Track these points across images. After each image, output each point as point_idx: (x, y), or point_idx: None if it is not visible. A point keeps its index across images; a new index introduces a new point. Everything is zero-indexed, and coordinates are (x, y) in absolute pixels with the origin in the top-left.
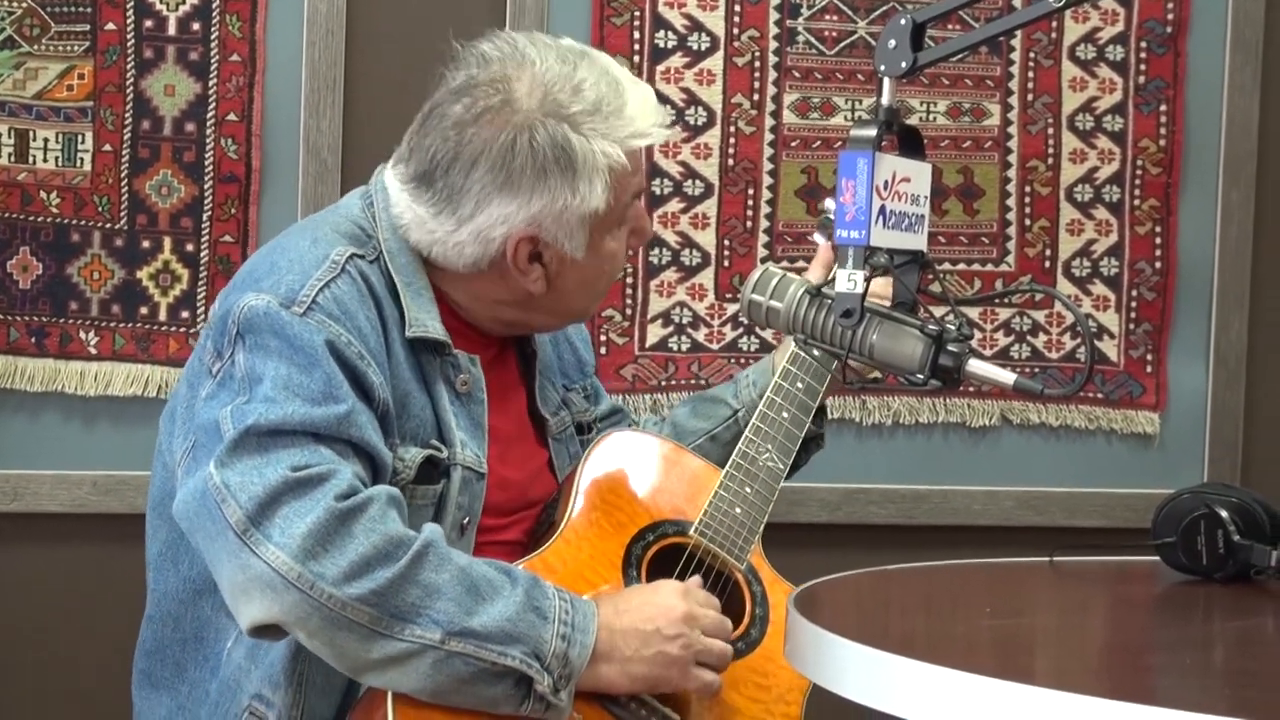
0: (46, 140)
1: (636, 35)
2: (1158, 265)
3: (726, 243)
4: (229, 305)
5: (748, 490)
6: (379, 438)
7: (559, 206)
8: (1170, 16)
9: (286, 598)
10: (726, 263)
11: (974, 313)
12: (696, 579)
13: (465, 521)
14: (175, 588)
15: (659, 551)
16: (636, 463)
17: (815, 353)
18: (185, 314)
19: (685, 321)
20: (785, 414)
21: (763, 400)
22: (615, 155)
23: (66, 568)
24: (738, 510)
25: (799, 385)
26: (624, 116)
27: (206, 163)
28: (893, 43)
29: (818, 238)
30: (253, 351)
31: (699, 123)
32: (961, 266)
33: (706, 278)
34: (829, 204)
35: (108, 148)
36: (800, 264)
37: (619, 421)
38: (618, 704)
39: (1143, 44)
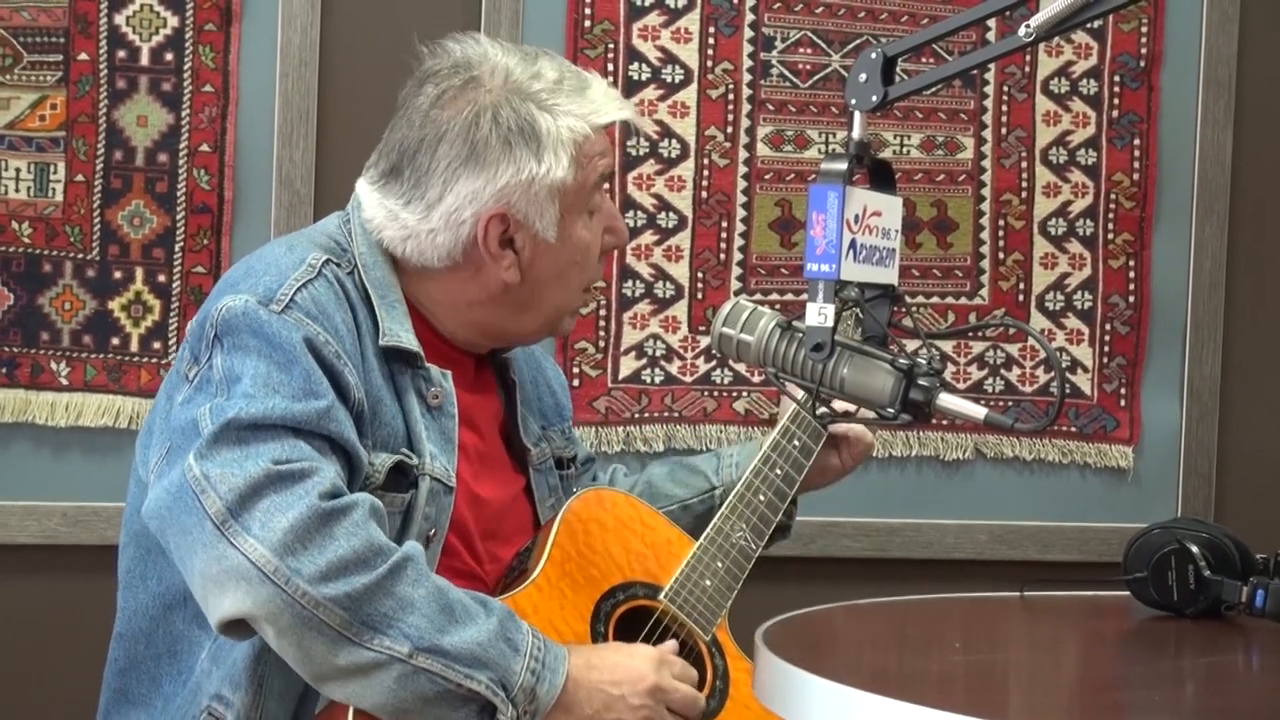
0: (19, 170)
1: (610, 67)
2: (1131, 299)
3: (700, 275)
4: (207, 310)
5: (719, 565)
6: (356, 436)
7: (525, 178)
8: (1143, 51)
9: (261, 591)
10: (700, 295)
11: (947, 346)
12: (672, 644)
13: (431, 534)
14: (145, 603)
15: (628, 611)
16: (614, 521)
17: (797, 443)
18: (157, 345)
19: (659, 354)
20: (762, 497)
21: (742, 481)
22: (580, 129)
23: (36, 599)
24: (708, 583)
25: (777, 472)
26: (586, 96)
27: (179, 193)
28: (864, 76)
29: None
30: (231, 352)
31: (673, 155)
32: (935, 300)
33: (680, 310)
34: None
35: (80, 178)
36: (774, 297)
37: (589, 470)
38: None
39: (1116, 78)
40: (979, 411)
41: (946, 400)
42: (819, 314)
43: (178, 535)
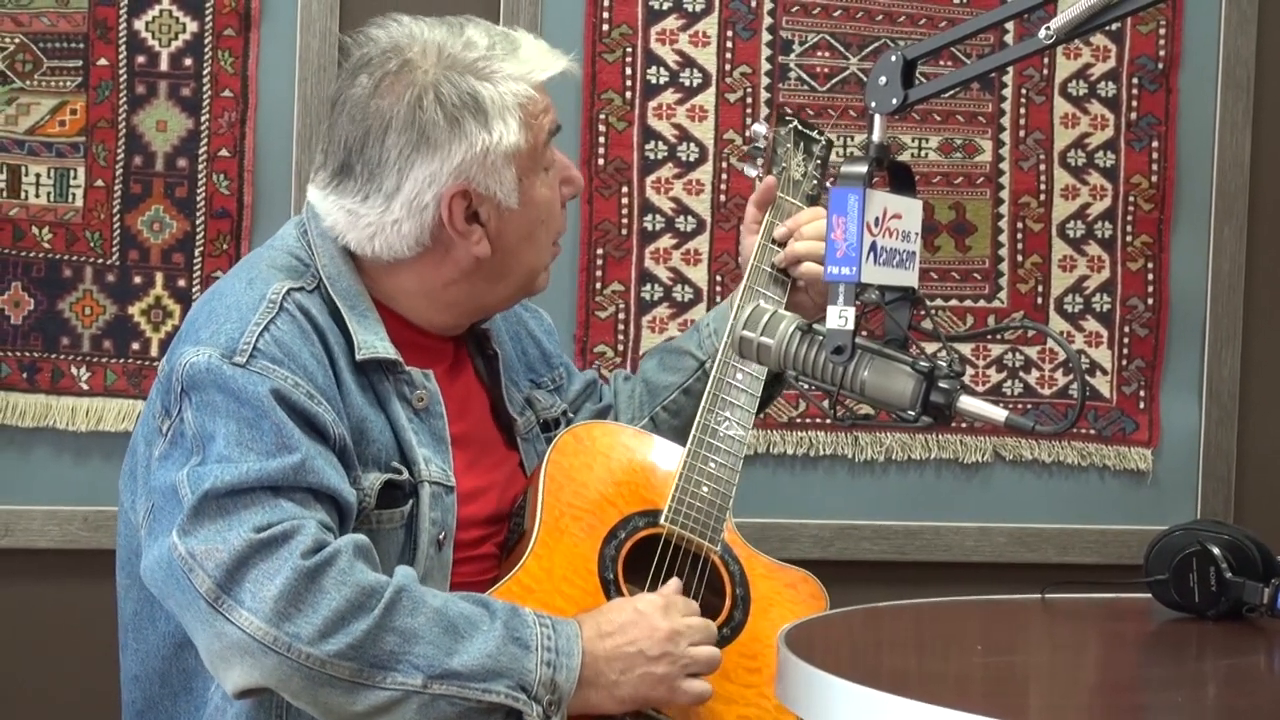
0: (39, 176)
1: (629, 71)
2: (1150, 301)
3: (719, 279)
4: (173, 362)
5: (712, 465)
6: (340, 477)
7: (479, 150)
8: (1162, 53)
9: (265, 662)
10: (719, 299)
11: (966, 349)
12: (675, 583)
13: (441, 537)
14: (156, 645)
15: (633, 548)
16: (598, 455)
17: (760, 300)
18: None
19: None
20: (740, 375)
21: (715, 365)
22: (522, 90)
23: (57, 603)
24: (704, 489)
25: None
26: (519, 56)
27: (198, 198)
28: (883, 79)
29: (748, 171)
30: (199, 410)
31: (691, 159)
32: (954, 303)
33: (698, 314)
34: (758, 128)
35: (100, 183)
36: None
37: (592, 394)
38: None
39: (1134, 80)
40: (999, 413)
41: (967, 402)
42: (839, 317)
43: (176, 608)
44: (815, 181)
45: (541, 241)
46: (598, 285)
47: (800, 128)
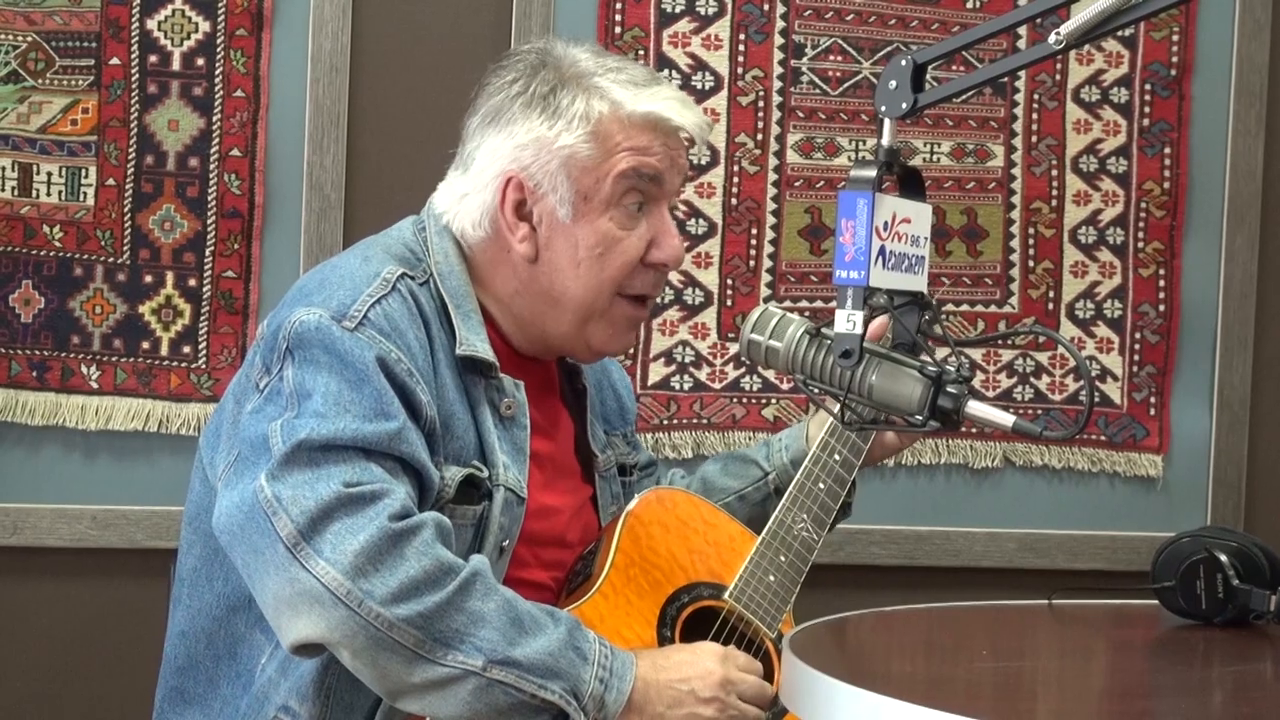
0: (50, 174)
1: None
2: (1161, 308)
3: (729, 282)
4: (280, 320)
5: (782, 559)
6: (427, 456)
7: (533, 137)
8: (1175, 59)
9: (334, 614)
10: (729, 302)
11: (977, 354)
12: (733, 647)
13: (505, 544)
14: (210, 603)
15: (694, 613)
16: (675, 521)
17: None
18: (187, 349)
19: (688, 360)
20: (822, 485)
21: (800, 470)
22: (603, 108)
23: (66, 602)
24: (772, 578)
25: (836, 457)
26: (636, 88)
27: (210, 198)
28: (894, 83)
29: None
30: (302, 366)
31: (703, 162)
32: (965, 308)
33: (709, 316)
34: None
35: (111, 182)
36: (803, 304)
37: (652, 474)
38: None
39: (1147, 86)
40: (1007, 419)
41: (975, 407)
42: (848, 321)
43: (248, 554)
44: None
45: (595, 276)
46: None
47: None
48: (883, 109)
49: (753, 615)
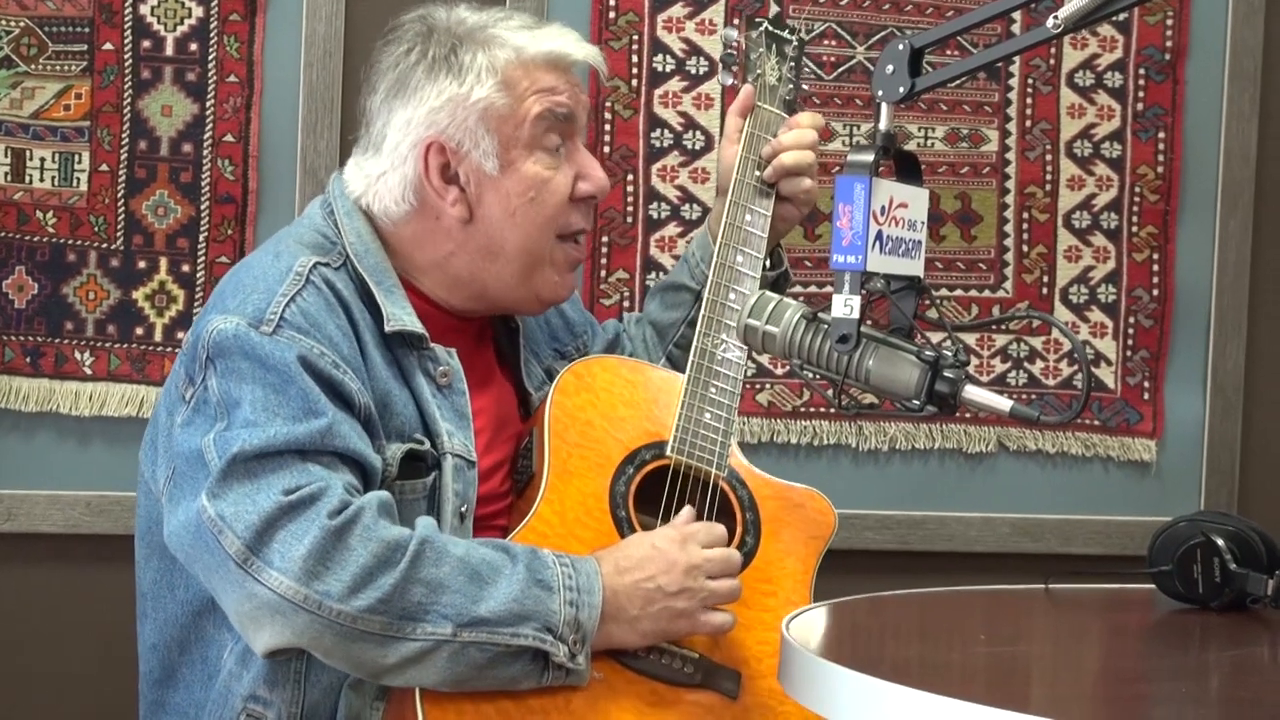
0: (43, 160)
1: (634, 59)
2: (1155, 292)
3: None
4: (199, 330)
5: (712, 391)
6: (365, 444)
7: (446, 99)
8: (1169, 44)
9: (297, 621)
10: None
11: (971, 339)
12: (687, 512)
13: (464, 510)
14: (175, 613)
15: (643, 480)
16: (600, 394)
17: (747, 217)
18: (181, 335)
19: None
20: (732, 295)
21: (706, 289)
22: (507, 56)
23: (60, 588)
24: (707, 416)
25: (737, 259)
26: (531, 33)
27: (203, 183)
28: (890, 68)
29: (724, 79)
30: (225, 376)
31: (696, 147)
32: (959, 292)
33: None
34: (728, 33)
35: (104, 168)
36: (797, 289)
37: (615, 349)
38: (634, 656)
39: (1141, 71)
40: (1004, 403)
41: (972, 392)
42: (845, 305)
43: (204, 571)
44: (791, 85)
45: (531, 224)
46: (603, 273)
47: (771, 29)
48: (880, 94)
49: (699, 462)
